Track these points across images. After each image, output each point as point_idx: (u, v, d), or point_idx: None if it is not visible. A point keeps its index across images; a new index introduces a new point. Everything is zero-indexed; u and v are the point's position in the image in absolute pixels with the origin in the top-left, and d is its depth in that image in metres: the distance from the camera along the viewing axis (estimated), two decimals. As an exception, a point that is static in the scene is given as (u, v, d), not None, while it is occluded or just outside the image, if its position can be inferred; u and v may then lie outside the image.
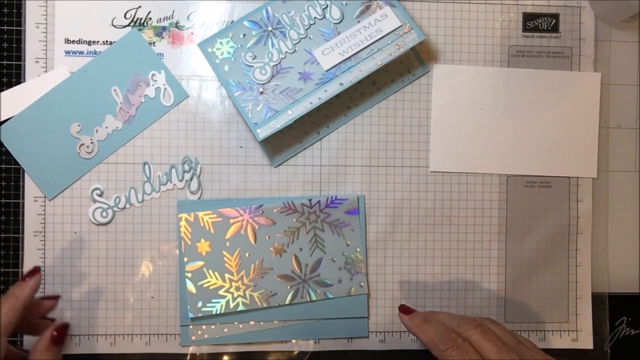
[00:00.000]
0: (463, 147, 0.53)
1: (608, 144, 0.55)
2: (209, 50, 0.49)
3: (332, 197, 0.51)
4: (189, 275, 0.50)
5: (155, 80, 0.50)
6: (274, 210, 0.50)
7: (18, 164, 0.50)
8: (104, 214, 0.50)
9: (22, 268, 0.50)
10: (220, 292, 0.50)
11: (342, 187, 0.52)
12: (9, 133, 0.50)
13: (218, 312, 0.50)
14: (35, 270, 0.42)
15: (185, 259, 0.50)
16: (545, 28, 0.54)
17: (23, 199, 0.50)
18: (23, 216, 0.50)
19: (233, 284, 0.50)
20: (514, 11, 0.54)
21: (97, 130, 0.50)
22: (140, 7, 0.51)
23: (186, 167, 0.51)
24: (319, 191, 0.52)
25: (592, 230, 0.54)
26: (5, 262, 0.50)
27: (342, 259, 0.51)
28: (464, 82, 0.53)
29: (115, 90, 0.50)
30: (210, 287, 0.50)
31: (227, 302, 0.50)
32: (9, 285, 0.50)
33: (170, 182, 0.51)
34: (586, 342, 0.54)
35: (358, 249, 0.51)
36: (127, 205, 0.51)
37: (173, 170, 0.51)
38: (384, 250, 0.52)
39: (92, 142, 0.50)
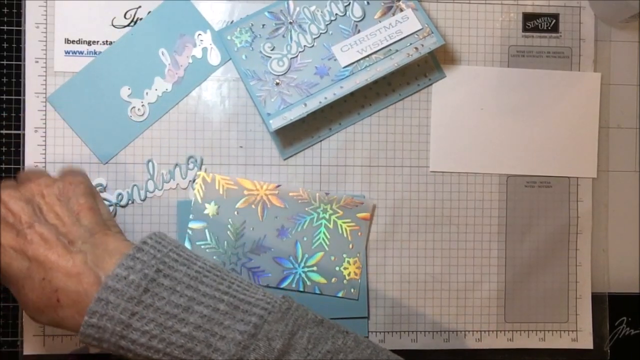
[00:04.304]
0: (463, 147, 0.53)
1: (608, 144, 0.55)
2: (228, 37, 0.50)
3: (350, 196, 0.51)
4: (190, 232, 0.50)
5: (202, 40, 0.51)
6: (290, 194, 0.51)
7: (18, 163, 0.50)
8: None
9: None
10: (215, 257, 0.50)
11: (342, 187, 0.52)
12: (60, 100, 0.50)
13: None
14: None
15: (191, 217, 0.50)
16: (545, 28, 0.54)
17: (23, 199, 0.50)
18: (23, 216, 0.50)
19: (230, 252, 0.50)
20: (514, 11, 0.54)
21: (147, 93, 0.50)
22: (140, 7, 0.51)
23: (190, 166, 0.51)
24: (319, 191, 0.52)
25: (592, 230, 0.54)
26: (5, 262, 0.50)
27: (342, 260, 0.51)
28: (464, 82, 0.53)
29: (162, 52, 0.50)
30: (207, 250, 0.50)
31: None
32: (9, 285, 0.50)
33: (174, 181, 0.51)
34: (586, 342, 0.54)
35: (359, 254, 0.51)
36: (130, 202, 0.51)
37: (177, 169, 0.51)
38: (384, 250, 0.52)
39: (142, 105, 0.50)
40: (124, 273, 0.35)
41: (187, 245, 0.50)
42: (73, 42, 0.50)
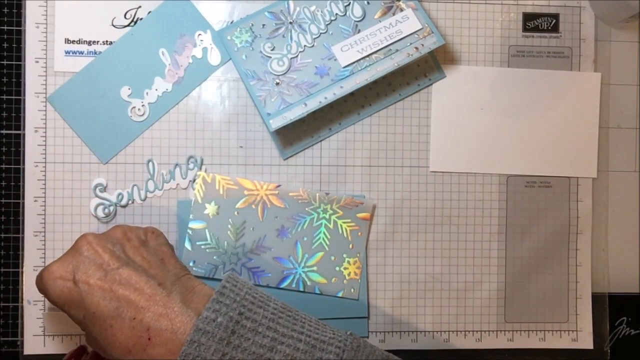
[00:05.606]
0: (463, 147, 0.53)
1: (608, 144, 0.55)
2: (228, 37, 0.50)
3: (350, 196, 0.51)
4: (190, 232, 0.50)
5: (202, 40, 0.51)
6: (290, 194, 0.51)
7: (18, 163, 0.50)
8: (106, 210, 0.50)
9: (22, 268, 0.50)
10: (215, 257, 0.50)
11: (342, 187, 0.52)
12: (60, 100, 0.50)
13: (207, 276, 0.50)
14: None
15: (191, 217, 0.50)
16: (545, 28, 0.54)
17: (23, 199, 0.50)
18: (23, 216, 0.50)
19: (230, 252, 0.50)
20: (514, 11, 0.54)
21: (147, 93, 0.50)
22: (140, 7, 0.51)
23: (190, 166, 0.51)
24: (319, 191, 0.52)
25: (592, 230, 0.54)
26: (5, 262, 0.50)
27: (342, 260, 0.51)
28: (464, 82, 0.53)
29: (162, 52, 0.50)
30: (207, 250, 0.50)
31: (218, 269, 0.50)
32: (9, 285, 0.50)
33: (174, 181, 0.51)
34: (586, 342, 0.54)
35: (359, 254, 0.51)
36: (130, 202, 0.51)
37: (177, 169, 0.51)
38: (384, 250, 0.52)
39: (143, 105, 0.50)
40: (213, 316, 0.36)
41: (187, 245, 0.50)
42: (73, 42, 0.50)
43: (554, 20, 0.54)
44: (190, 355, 0.35)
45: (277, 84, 0.49)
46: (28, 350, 0.50)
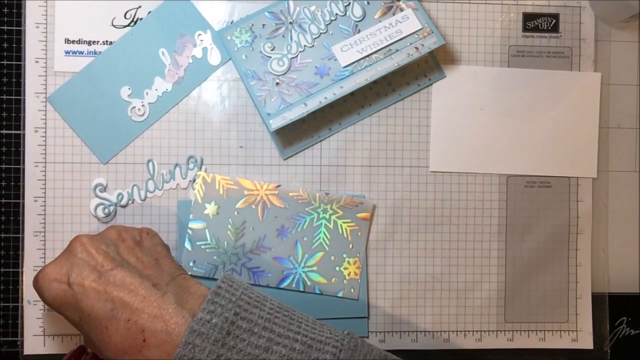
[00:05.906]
0: (463, 147, 0.53)
1: (608, 144, 0.55)
2: (228, 37, 0.50)
3: (350, 196, 0.51)
4: (190, 232, 0.50)
5: (202, 40, 0.51)
6: (290, 194, 0.51)
7: (18, 163, 0.50)
8: (106, 210, 0.50)
9: (22, 268, 0.50)
10: (215, 257, 0.50)
11: (342, 187, 0.52)
12: (60, 100, 0.50)
13: (207, 276, 0.50)
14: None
15: (191, 217, 0.50)
16: (545, 28, 0.54)
17: (23, 199, 0.50)
18: (23, 216, 0.50)
19: (230, 252, 0.50)
20: (514, 11, 0.54)
21: (147, 93, 0.50)
22: (140, 7, 0.51)
23: (190, 166, 0.51)
24: (319, 191, 0.52)
25: (592, 230, 0.54)
26: (5, 262, 0.50)
27: (342, 260, 0.51)
28: (464, 82, 0.53)
29: (162, 52, 0.50)
30: (207, 250, 0.50)
31: (218, 269, 0.50)
32: (9, 285, 0.50)
33: (174, 181, 0.51)
34: (586, 342, 0.54)
35: (359, 254, 0.51)
36: (130, 202, 0.51)
37: (177, 169, 0.51)
38: (384, 250, 0.52)
39: (143, 105, 0.50)
40: (208, 317, 0.36)
41: (187, 245, 0.50)
42: (73, 42, 0.50)
43: (554, 20, 0.54)
44: (185, 357, 0.35)
45: (277, 84, 0.49)
46: (28, 350, 0.50)
